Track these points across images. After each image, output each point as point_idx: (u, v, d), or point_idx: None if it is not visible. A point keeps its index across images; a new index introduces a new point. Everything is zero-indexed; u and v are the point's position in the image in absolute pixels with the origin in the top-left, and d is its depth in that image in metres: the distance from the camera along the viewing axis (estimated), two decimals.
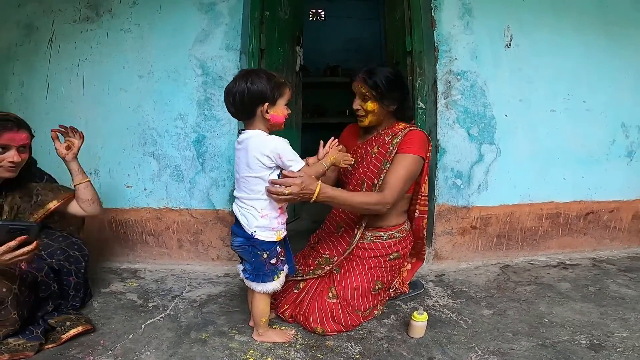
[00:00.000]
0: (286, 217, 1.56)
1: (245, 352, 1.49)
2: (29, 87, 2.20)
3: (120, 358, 1.42)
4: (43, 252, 1.62)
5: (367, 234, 1.80)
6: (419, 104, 2.40)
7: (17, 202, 1.60)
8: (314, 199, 1.48)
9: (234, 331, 1.64)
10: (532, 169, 2.37)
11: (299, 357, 1.46)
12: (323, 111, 5.39)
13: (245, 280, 1.57)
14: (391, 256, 1.79)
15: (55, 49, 2.20)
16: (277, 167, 1.44)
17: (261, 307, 1.55)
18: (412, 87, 2.44)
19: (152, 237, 2.30)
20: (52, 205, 1.65)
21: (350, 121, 1.98)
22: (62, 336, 1.51)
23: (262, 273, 1.51)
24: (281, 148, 1.41)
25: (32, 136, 1.57)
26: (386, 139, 1.76)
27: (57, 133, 1.67)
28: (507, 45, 2.26)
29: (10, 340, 1.42)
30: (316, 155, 1.62)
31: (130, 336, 1.57)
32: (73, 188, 1.72)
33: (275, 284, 1.53)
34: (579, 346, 1.53)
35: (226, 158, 2.22)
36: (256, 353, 1.48)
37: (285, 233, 1.55)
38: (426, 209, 1.85)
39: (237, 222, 1.51)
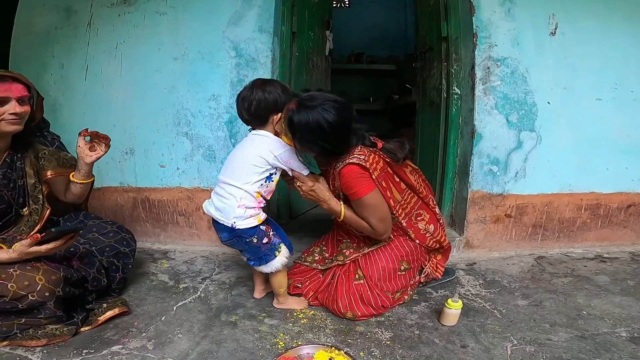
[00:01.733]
0: (264, 205, 1.63)
1: (275, 335, 1.50)
2: (68, 69, 2.26)
3: (153, 340, 1.45)
4: (94, 249, 1.64)
5: None
6: (454, 90, 2.36)
7: (34, 163, 1.60)
8: (341, 218, 1.64)
9: (264, 314, 1.65)
10: (574, 158, 2.28)
11: (329, 342, 1.46)
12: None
13: (254, 268, 1.68)
14: (411, 235, 1.76)
15: (94, 31, 2.24)
16: (273, 168, 1.56)
17: (278, 280, 1.66)
18: (447, 73, 2.40)
19: (183, 217, 2.35)
20: (48, 174, 1.61)
21: (375, 109, 1.89)
22: (99, 318, 1.53)
23: (262, 255, 1.60)
24: (292, 157, 1.54)
25: (32, 91, 1.51)
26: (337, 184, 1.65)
27: (86, 134, 1.55)
28: (551, 33, 2.18)
29: (49, 325, 1.44)
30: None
31: (163, 318, 1.61)
32: (73, 163, 1.67)
33: (280, 259, 1.61)
34: (619, 339, 1.48)
35: None
36: (286, 337, 1.49)
37: (265, 216, 1.62)
38: (413, 202, 1.74)
39: (214, 219, 1.59)
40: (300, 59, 2.52)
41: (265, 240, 1.58)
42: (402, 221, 1.72)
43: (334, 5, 5.32)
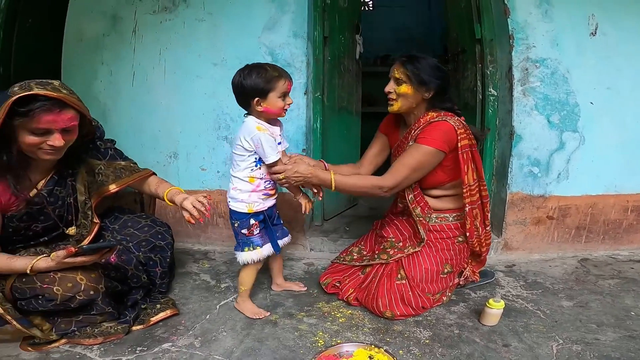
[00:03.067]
0: (269, 195, 1.64)
1: (314, 334, 1.53)
2: (116, 75, 2.37)
3: (200, 338, 1.50)
4: (131, 244, 1.65)
5: (432, 215, 1.79)
6: (490, 91, 2.33)
7: (86, 179, 1.59)
8: (333, 188, 1.64)
9: (302, 313, 1.68)
10: (619, 158, 2.21)
11: (368, 340, 1.47)
12: (373, 101, 5.35)
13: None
14: (459, 238, 1.76)
15: (139, 38, 2.34)
16: (255, 153, 1.56)
17: (242, 276, 1.69)
18: (482, 75, 2.38)
19: (222, 219, 2.42)
20: (111, 189, 1.60)
21: None
22: (151, 319, 1.58)
23: (237, 241, 1.64)
24: (263, 140, 1.52)
25: (82, 113, 1.41)
26: (414, 133, 1.73)
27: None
28: (592, 33, 2.14)
29: (104, 323, 1.49)
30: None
31: (207, 317, 1.66)
32: (136, 168, 1.70)
33: (247, 255, 1.61)
34: None
35: (294, 142, 2.27)
36: (325, 335, 1.51)
37: (264, 208, 1.63)
38: (476, 199, 1.75)
39: None
40: (332, 63, 2.56)
41: (244, 232, 1.61)
42: (467, 206, 1.72)
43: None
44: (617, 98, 2.16)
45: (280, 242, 1.72)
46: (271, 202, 1.66)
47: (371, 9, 5.62)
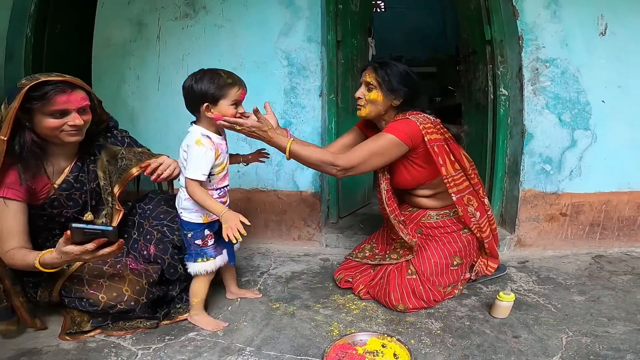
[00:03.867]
0: (222, 204, 1.55)
1: (329, 324, 1.59)
2: (143, 80, 2.48)
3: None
4: (166, 229, 1.67)
5: (432, 213, 1.85)
6: (502, 91, 2.38)
7: (106, 166, 1.61)
8: (287, 155, 1.63)
9: (318, 305, 1.75)
10: (632, 155, 2.22)
11: (381, 330, 1.53)
12: None
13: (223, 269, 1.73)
14: (465, 230, 1.81)
15: (163, 44, 2.45)
16: None
17: (194, 288, 1.60)
18: (493, 75, 2.43)
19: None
20: (135, 171, 1.61)
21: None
22: (179, 316, 1.64)
23: (189, 252, 1.58)
24: (194, 155, 1.45)
25: (93, 97, 1.49)
26: None
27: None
28: (601, 33, 2.17)
29: (136, 319, 1.56)
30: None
31: (229, 308, 1.74)
32: (152, 153, 1.71)
33: (197, 267, 1.55)
34: None
35: (310, 142, 2.34)
36: (340, 325, 1.58)
37: (217, 217, 1.53)
38: (463, 187, 1.78)
39: None
40: (346, 66, 2.63)
41: (198, 242, 1.55)
42: (454, 196, 1.75)
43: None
44: (629, 96, 2.18)
45: (235, 247, 1.69)
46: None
47: (383, 10, 5.66)
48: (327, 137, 2.49)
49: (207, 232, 1.56)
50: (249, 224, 1.44)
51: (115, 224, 1.55)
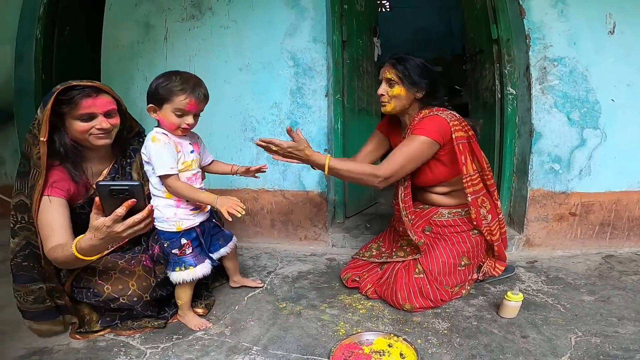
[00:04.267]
0: (198, 210, 1.55)
1: (336, 324, 1.60)
2: (151, 81, 2.50)
3: (229, 327, 1.60)
4: None
5: (444, 211, 1.84)
6: (509, 90, 2.37)
7: (140, 168, 1.64)
8: (326, 172, 1.63)
9: (325, 305, 1.75)
10: None
11: (387, 330, 1.53)
12: None
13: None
14: (475, 230, 1.80)
15: (170, 45, 2.47)
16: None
17: (177, 293, 1.60)
18: (500, 74, 2.42)
19: (248, 216, 2.52)
20: None
21: None
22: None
23: (168, 261, 1.56)
24: (153, 151, 1.43)
25: (121, 103, 1.55)
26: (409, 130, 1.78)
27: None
28: (610, 32, 2.15)
29: (144, 319, 1.59)
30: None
31: (236, 307, 1.75)
32: None
33: (175, 276, 1.53)
34: None
35: (316, 142, 2.36)
36: (346, 325, 1.58)
37: (194, 225, 1.54)
38: (479, 188, 1.78)
39: None
40: (352, 66, 2.63)
41: (175, 252, 1.53)
42: (469, 196, 1.75)
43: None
44: (639, 95, 2.16)
45: (224, 250, 1.68)
46: (202, 216, 1.58)
47: (388, 10, 5.65)
48: (333, 137, 2.50)
49: (183, 240, 1.53)
50: (244, 206, 1.45)
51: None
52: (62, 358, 1.41)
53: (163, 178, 1.45)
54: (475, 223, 1.80)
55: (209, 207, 1.58)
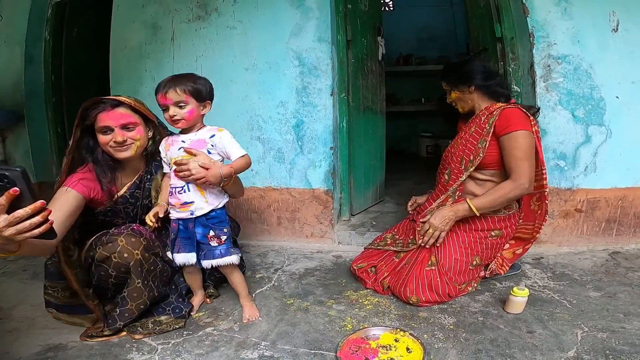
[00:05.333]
0: (173, 206, 1.59)
1: (343, 319, 1.62)
2: (159, 82, 2.53)
3: (238, 322, 1.63)
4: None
5: None
6: (514, 88, 2.37)
7: (159, 185, 1.68)
8: (477, 213, 1.74)
9: (332, 301, 1.77)
10: None
11: (394, 325, 1.55)
12: (397, 100, 5.40)
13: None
14: (493, 233, 1.81)
15: (177, 46, 2.51)
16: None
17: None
18: (505, 72, 2.42)
19: (255, 214, 2.55)
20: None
21: (426, 109, 2.11)
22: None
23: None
24: None
25: (141, 115, 1.58)
26: (482, 118, 1.81)
27: None
28: (614, 29, 2.15)
29: (162, 318, 1.60)
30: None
31: None
32: None
33: (167, 254, 1.65)
34: None
35: (322, 141, 2.39)
36: (353, 320, 1.60)
37: (171, 217, 1.61)
38: (537, 185, 1.82)
39: None
40: (356, 65, 2.65)
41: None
42: (545, 188, 1.81)
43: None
44: None
45: (206, 262, 1.62)
46: (179, 214, 1.60)
47: (391, 9, 5.65)
48: (338, 135, 2.52)
49: (174, 225, 1.64)
50: (154, 220, 1.52)
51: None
52: (77, 354, 1.44)
53: None
54: (538, 218, 1.86)
55: (189, 208, 1.58)
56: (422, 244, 1.77)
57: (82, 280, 1.55)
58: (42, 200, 0.99)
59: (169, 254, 1.63)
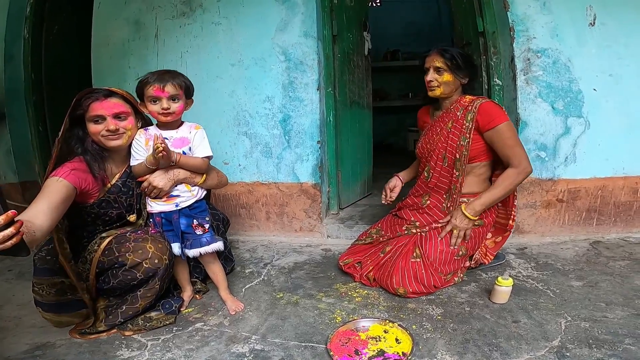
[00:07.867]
0: (157, 199, 1.64)
1: (332, 312, 1.63)
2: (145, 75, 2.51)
3: (228, 317, 1.63)
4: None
5: (463, 199, 1.88)
6: (495, 81, 2.42)
7: None
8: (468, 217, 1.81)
9: (321, 294, 1.79)
10: (627, 142, 2.25)
11: (383, 317, 1.57)
12: (385, 95, 5.44)
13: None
14: (476, 222, 1.84)
15: (161, 43, 2.48)
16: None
17: None
18: (487, 66, 2.46)
19: (244, 209, 2.55)
20: None
21: (414, 104, 2.04)
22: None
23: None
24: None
25: (133, 105, 1.60)
26: (457, 114, 1.86)
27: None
28: (591, 23, 2.20)
29: (153, 314, 1.60)
30: None
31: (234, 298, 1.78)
32: None
33: None
34: None
35: (309, 135, 2.40)
36: (342, 313, 1.62)
37: (152, 211, 1.65)
38: None
39: None
40: (342, 60, 2.65)
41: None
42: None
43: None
44: (620, 84, 2.21)
45: (194, 251, 1.66)
46: (162, 207, 1.64)
47: (378, 4, 5.67)
48: (325, 129, 2.53)
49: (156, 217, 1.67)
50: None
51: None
52: (65, 352, 1.43)
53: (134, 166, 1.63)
54: (510, 207, 1.93)
55: (174, 201, 1.64)
56: (452, 247, 1.81)
57: (76, 273, 1.53)
58: (13, 210, 0.96)
59: None
